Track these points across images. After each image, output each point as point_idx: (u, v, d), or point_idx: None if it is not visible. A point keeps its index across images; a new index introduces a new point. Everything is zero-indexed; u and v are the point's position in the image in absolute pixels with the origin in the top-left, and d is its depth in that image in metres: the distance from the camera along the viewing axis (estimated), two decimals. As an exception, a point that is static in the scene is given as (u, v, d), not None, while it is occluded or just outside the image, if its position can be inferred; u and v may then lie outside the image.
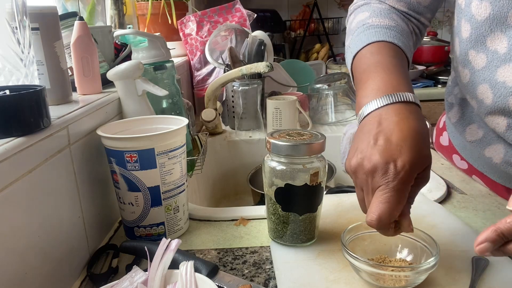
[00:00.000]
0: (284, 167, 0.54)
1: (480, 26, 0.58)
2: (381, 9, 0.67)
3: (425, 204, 0.68)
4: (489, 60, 0.58)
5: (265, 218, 0.61)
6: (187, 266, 0.45)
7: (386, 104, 0.49)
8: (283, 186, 0.54)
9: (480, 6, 0.57)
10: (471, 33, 0.60)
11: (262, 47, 1.33)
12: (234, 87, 1.26)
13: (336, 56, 2.51)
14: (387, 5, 0.69)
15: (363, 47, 0.61)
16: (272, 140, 0.54)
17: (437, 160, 0.92)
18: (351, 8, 0.75)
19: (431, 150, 0.98)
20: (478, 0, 0.57)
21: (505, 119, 0.59)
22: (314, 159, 0.55)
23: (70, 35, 0.72)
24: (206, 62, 1.48)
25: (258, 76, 1.29)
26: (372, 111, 0.50)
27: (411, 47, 0.65)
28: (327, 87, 1.38)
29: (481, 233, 0.40)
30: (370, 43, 0.61)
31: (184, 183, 0.65)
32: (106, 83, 0.77)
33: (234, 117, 1.30)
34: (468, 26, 0.60)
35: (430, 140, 0.96)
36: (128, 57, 0.95)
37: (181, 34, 1.53)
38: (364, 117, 0.51)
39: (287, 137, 0.55)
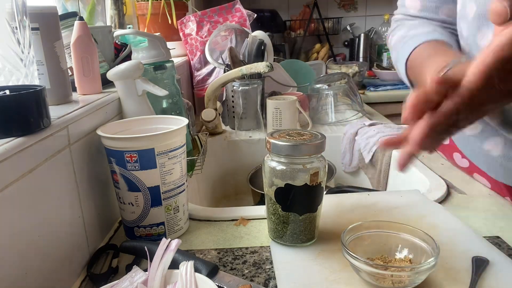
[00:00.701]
0: (284, 167, 0.54)
1: (470, 25, 0.62)
2: (418, 23, 0.74)
3: (425, 204, 0.68)
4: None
5: (265, 218, 0.61)
6: (187, 266, 0.45)
7: None
8: (283, 186, 0.54)
9: (469, 6, 0.61)
10: (467, 33, 0.64)
11: (262, 47, 1.33)
12: (234, 87, 1.26)
13: (336, 56, 2.52)
14: (420, 19, 0.76)
15: (410, 53, 0.67)
16: (272, 140, 0.54)
17: (437, 160, 0.92)
18: (389, 33, 0.83)
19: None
20: (468, 1, 0.62)
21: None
22: (314, 159, 0.55)
23: (70, 35, 0.72)
24: (206, 62, 1.48)
25: (258, 76, 1.29)
26: None
27: (455, 42, 0.69)
28: (327, 87, 1.38)
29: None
30: (415, 47, 0.66)
31: (184, 183, 0.65)
32: (106, 83, 0.77)
33: (234, 117, 1.30)
34: (465, 25, 0.64)
35: None
36: (128, 57, 0.95)
37: (181, 34, 1.53)
38: None
39: (287, 137, 0.55)
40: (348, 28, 2.60)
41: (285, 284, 0.49)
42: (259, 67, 1.11)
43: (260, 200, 1.07)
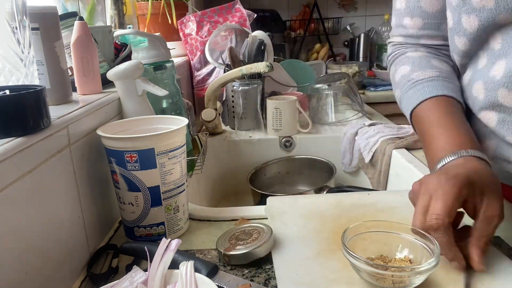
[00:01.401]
0: None
1: (474, 35, 0.62)
2: (420, 59, 0.72)
3: (425, 204, 0.68)
4: (488, 58, 0.62)
5: (265, 218, 0.61)
6: (187, 266, 0.45)
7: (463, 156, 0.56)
8: None
9: (469, 20, 0.61)
10: (465, 47, 0.64)
11: (262, 47, 1.33)
12: (234, 87, 1.26)
13: (336, 56, 2.52)
14: (423, 52, 0.74)
15: (417, 105, 0.67)
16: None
17: (437, 160, 0.92)
18: (388, 57, 0.81)
19: None
20: (466, 15, 0.61)
21: (496, 114, 0.61)
22: None
23: (70, 35, 0.72)
24: (206, 62, 1.48)
25: (258, 76, 1.29)
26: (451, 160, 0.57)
27: (459, 86, 0.69)
28: (327, 87, 1.38)
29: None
30: (422, 101, 0.66)
31: (184, 183, 0.65)
32: (106, 83, 0.77)
33: (234, 117, 1.30)
34: (464, 39, 0.63)
35: None
36: (128, 57, 0.95)
37: (181, 34, 1.53)
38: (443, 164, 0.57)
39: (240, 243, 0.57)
40: (348, 28, 2.60)
41: (285, 284, 0.49)
42: (259, 67, 1.11)
43: (260, 200, 1.07)
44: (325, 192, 0.99)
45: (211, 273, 0.51)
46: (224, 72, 1.31)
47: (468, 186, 0.50)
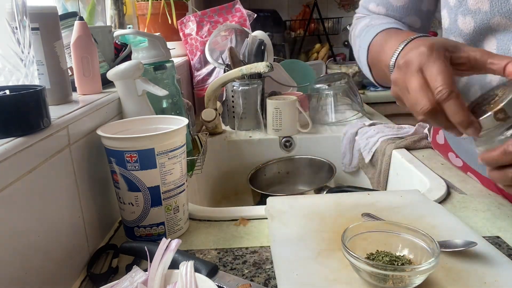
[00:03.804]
0: None
1: (470, 36, 0.62)
2: (378, 16, 0.78)
3: (425, 204, 0.68)
4: None
5: (265, 218, 0.61)
6: (187, 266, 0.45)
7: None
8: None
9: (464, 21, 0.62)
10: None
11: (262, 47, 1.33)
12: (234, 87, 1.26)
13: (336, 56, 2.51)
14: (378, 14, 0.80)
15: (372, 39, 0.70)
16: None
17: (437, 160, 0.92)
18: (350, 28, 0.87)
19: (431, 150, 0.98)
20: (462, 16, 0.62)
21: None
22: None
23: (70, 35, 0.72)
24: (206, 62, 1.48)
25: (258, 76, 1.29)
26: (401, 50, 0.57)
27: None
28: (327, 87, 1.38)
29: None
30: (376, 34, 0.69)
31: (184, 183, 0.65)
32: (106, 83, 0.77)
33: (234, 117, 1.30)
34: (460, 39, 0.64)
35: (429, 139, 0.98)
36: (128, 57, 0.95)
37: (181, 34, 1.53)
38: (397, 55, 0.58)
39: None
40: (348, 28, 2.60)
41: (285, 284, 0.49)
42: (259, 67, 1.11)
43: (260, 200, 1.07)
44: (325, 192, 0.99)
45: (211, 273, 0.51)
46: (224, 72, 1.31)
47: (443, 47, 0.50)
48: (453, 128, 0.51)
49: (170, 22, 1.47)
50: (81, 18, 0.72)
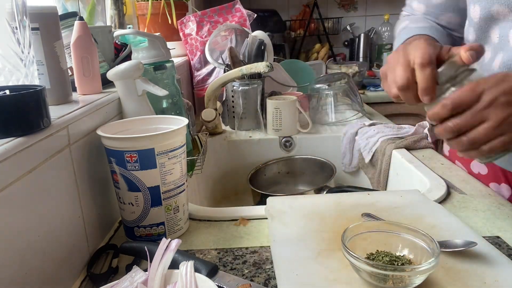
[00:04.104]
0: None
1: (478, 25, 0.68)
2: (419, 18, 0.84)
3: (425, 204, 0.68)
4: (491, 52, 0.68)
5: (265, 218, 0.61)
6: (187, 266, 0.45)
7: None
8: None
9: (474, 9, 0.68)
10: (473, 35, 0.70)
11: (262, 47, 1.33)
12: (234, 87, 1.26)
13: (336, 56, 2.51)
14: (420, 15, 0.86)
15: (404, 42, 0.75)
16: None
17: (437, 160, 0.92)
18: (397, 22, 0.93)
19: (431, 150, 0.98)
20: (472, 4, 0.68)
21: None
22: None
23: (70, 35, 0.72)
24: (206, 62, 1.48)
25: (258, 76, 1.29)
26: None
27: (445, 41, 0.79)
28: (327, 87, 1.38)
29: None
30: (408, 38, 0.75)
31: (184, 183, 0.65)
32: (106, 83, 0.77)
33: (234, 117, 1.30)
34: (471, 29, 0.70)
35: (429, 139, 0.99)
36: (128, 57, 0.95)
37: (181, 34, 1.53)
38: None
39: None
40: (348, 28, 2.60)
41: (285, 284, 0.49)
42: (259, 67, 1.11)
43: (260, 200, 1.07)
44: (325, 192, 0.99)
45: (211, 273, 0.51)
46: (224, 72, 1.30)
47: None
48: (416, 102, 0.59)
49: (170, 22, 1.47)
50: (81, 18, 0.72)
